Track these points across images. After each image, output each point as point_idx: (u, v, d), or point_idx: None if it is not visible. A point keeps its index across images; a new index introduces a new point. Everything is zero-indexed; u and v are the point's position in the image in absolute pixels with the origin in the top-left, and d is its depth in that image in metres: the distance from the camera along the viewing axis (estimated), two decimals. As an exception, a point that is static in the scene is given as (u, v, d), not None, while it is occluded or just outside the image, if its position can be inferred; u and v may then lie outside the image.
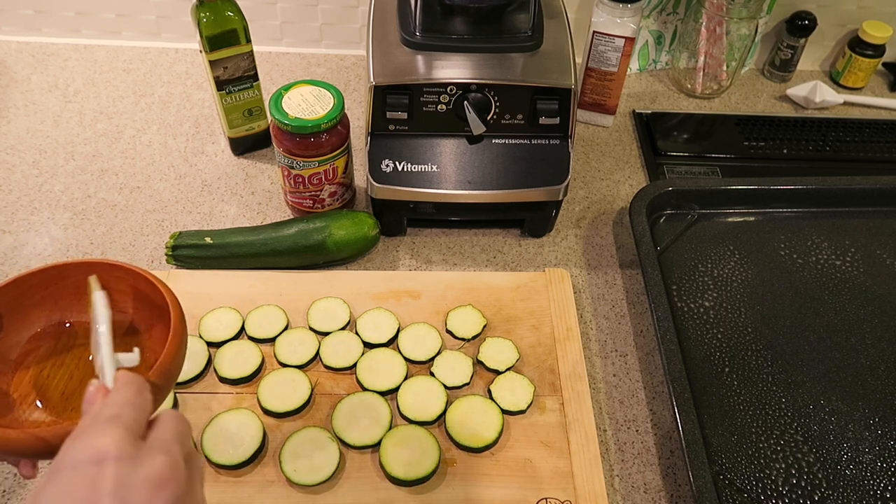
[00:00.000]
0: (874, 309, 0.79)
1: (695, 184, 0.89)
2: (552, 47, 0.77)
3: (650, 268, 0.76)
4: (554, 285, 0.78)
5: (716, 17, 0.99)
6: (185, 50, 1.09)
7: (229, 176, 0.91)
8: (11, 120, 0.96)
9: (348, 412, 0.66)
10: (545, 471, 0.64)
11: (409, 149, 0.77)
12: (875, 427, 0.69)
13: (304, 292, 0.76)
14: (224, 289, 0.76)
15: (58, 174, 0.90)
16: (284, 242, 0.78)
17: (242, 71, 0.84)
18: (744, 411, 0.70)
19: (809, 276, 0.82)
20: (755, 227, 0.87)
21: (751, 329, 0.77)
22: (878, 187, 0.88)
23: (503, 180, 0.77)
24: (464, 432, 0.65)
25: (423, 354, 0.71)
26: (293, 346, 0.71)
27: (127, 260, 0.80)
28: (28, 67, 1.04)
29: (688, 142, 0.99)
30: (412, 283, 0.78)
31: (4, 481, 0.63)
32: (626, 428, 0.70)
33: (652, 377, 0.74)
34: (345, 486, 0.62)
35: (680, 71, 1.08)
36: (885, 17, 1.07)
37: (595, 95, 0.98)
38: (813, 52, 1.12)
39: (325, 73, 1.07)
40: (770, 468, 0.66)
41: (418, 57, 0.76)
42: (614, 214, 0.90)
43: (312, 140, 0.75)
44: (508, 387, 0.69)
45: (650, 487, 0.66)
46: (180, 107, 1.00)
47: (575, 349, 0.73)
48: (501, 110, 0.76)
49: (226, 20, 0.79)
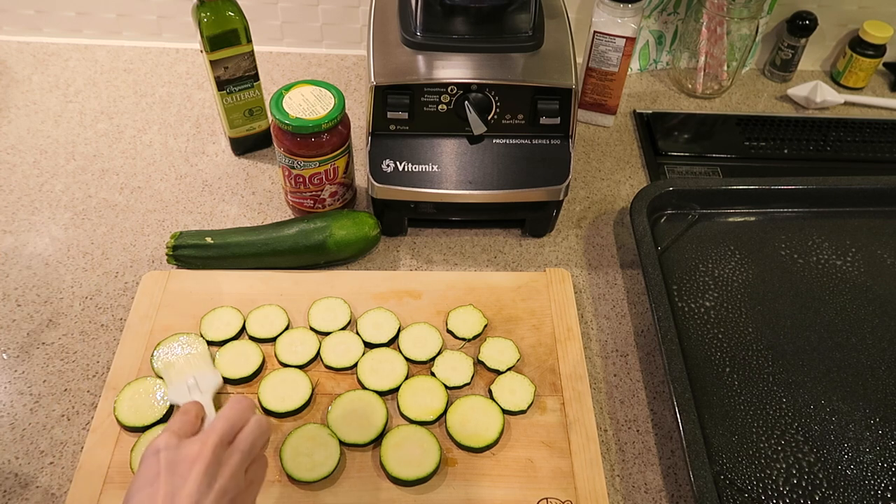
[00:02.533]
0: (875, 309, 0.79)
1: (695, 184, 0.89)
2: (553, 47, 0.77)
3: (651, 268, 0.76)
4: (555, 285, 0.78)
5: (716, 17, 0.99)
6: (185, 50, 1.09)
7: (230, 176, 0.91)
8: (12, 120, 0.96)
9: (343, 410, 0.66)
10: (546, 471, 0.64)
11: (409, 149, 0.77)
12: (876, 427, 0.69)
13: (305, 292, 0.76)
14: (225, 289, 0.76)
15: (58, 174, 0.90)
16: (285, 242, 0.78)
17: (243, 71, 0.84)
18: (744, 411, 0.70)
19: (810, 276, 0.82)
20: (756, 227, 0.87)
21: (751, 329, 0.77)
22: (879, 187, 0.88)
23: (504, 180, 0.77)
24: (464, 432, 0.65)
25: (424, 354, 0.71)
26: (294, 345, 0.71)
27: (128, 260, 0.80)
28: (29, 67, 1.04)
29: (688, 142, 0.99)
30: (413, 283, 0.78)
31: (5, 481, 0.63)
32: (626, 428, 0.70)
33: (653, 377, 0.74)
34: (345, 486, 0.62)
35: (681, 71, 1.08)
36: (885, 17, 1.07)
37: (596, 95, 0.98)
38: (814, 52, 1.12)
39: (326, 73, 1.07)
40: (771, 468, 0.66)
41: (419, 57, 0.76)
42: (615, 214, 0.90)
43: (313, 140, 0.75)
44: (509, 387, 0.69)
45: (651, 487, 0.66)
46: (181, 107, 1.00)
47: (576, 349, 0.73)
48: (502, 110, 0.76)
49: (226, 20, 0.79)
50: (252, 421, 0.51)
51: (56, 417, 0.68)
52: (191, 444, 0.47)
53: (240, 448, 0.49)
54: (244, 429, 0.50)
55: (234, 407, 0.51)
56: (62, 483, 0.63)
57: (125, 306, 0.76)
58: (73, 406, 0.68)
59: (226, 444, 0.48)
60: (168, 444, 0.47)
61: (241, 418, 0.51)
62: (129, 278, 0.79)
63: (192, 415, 0.52)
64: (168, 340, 0.70)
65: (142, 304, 0.74)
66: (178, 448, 0.46)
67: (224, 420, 0.50)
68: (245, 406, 0.52)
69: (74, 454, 0.65)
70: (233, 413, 0.50)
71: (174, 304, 0.75)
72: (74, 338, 0.74)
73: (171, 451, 0.46)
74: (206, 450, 0.46)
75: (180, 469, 0.45)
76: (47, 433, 0.66)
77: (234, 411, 0.51)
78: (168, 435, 0.48)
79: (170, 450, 0.46)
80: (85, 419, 0.67)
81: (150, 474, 0.45)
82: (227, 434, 0.49)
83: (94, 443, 0.64)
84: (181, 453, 0.46)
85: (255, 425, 0.51)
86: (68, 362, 0.72)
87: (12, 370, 0.71)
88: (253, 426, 0.50)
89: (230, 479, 0.46)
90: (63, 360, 0.72)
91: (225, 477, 0.46)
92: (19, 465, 0.64)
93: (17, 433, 0.66)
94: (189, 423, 0.50)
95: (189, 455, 0.46)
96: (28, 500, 0.62)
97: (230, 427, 0.49)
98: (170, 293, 0.76)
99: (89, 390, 0.69)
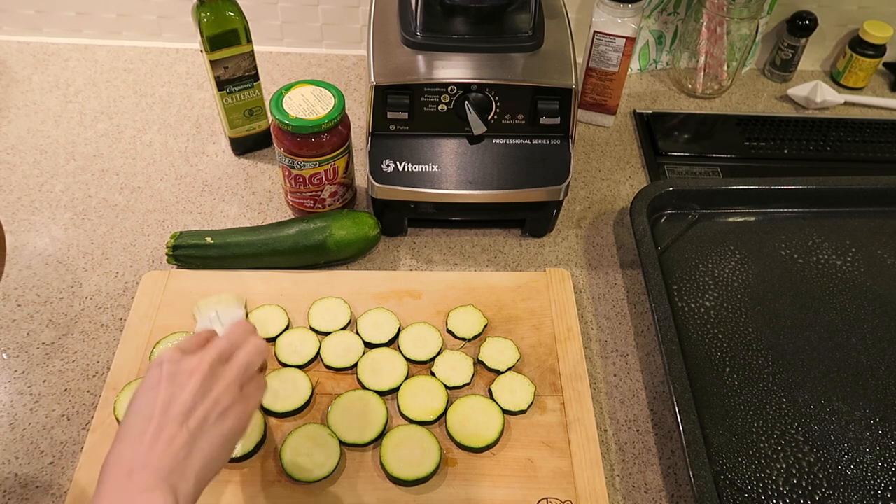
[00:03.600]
0: (875, 309, 0.79)
1: (695, 184, 0.89)
2: (553, 47, 0.77)
3: (651, 268, 0.76)
4: (555, 285, 0.78)
5: (716, 17, 0.99)
6: (185, 50, 1.09)
7: (230, 176, 0.91)
8: (12, 120, 0.96)
9: (343, 410, 0.66)
10: (546, 471, 0.64)
11: (409, 149, 0.77)
12: (876, 427, 0.69)
13: (305, 292, 0.76)
14: (225, 288, 0.76)
15: (58, 174, 0.90)
16: (285, 242, 0.78)
17: (243, 71, 0.84)
18: (744, 411, 0.70)
19: (810, 276, 0.82)
20: (756, 227, 0.87)
21: (751, 329, 0.77)
22: (879, 187, 0.88)
23: (504, 180, 0.77)
24: (464, 432, 0.65)
25: (424, 354, 0.71)
26: (294, 345, 0.71)
27: (128, 260, 0.80)
28: (29, 67, 1.04)
29: (688, 142, 0.99)
30: (413, 283, 0.78)
31: (5, 481, 0.63)
32: (626, 428, 0.70)
33: (653, 377, 0.74)
34: (345, 486, 0.62)
35: (681, 71, 1.08)
36: (885, 17, 1.07)
37: (596, 95, 0.98)
38: (814, 52, 1.12)
39: (326, 73, 1.07)
40: (771, 468, 0.66)
41: (419, 57, 0.76)
42: (615, 214, 0.90)
43: (313, 140, 0.75)
44: (509, 387, 0.69)
45: (651, 487, 0.66)
46: (181, 107, 1.00)
47: (576, 349, 0.73)
48: (502, 110, 0.76)
49: (226, 20, 0.79)
50: (250, 341, 0.55)
51: (56, 417, 0.68)
52: (191, 359, 0.51)
53: (236, 364, 0.53)
54: (241, 348, 0.54)
55: (235, 330, 0.55)
56: (62, 483, 0.63)
57: (125, 306, 0.76)
58: (73, 406, 0.68)
59: (223, 361, 0.52)
60: (171, 358, 0.51)
61: (240, 340, 0.55)
62: (129, 278, 0.79)
63: (200, 337, 0.55)
64: (168, 339, 0.71)
65: (142, 304, 0.74)
66: (179, 361, 0.51)
67: (224, 340, 0.54)
68: (245, 329, 0.56)
69: (74, 454, 0.65)
70: (233, 335, 0.55)
71: (174, 304, 0.75)
72: (74, 338, 0.74)
73: (173, 364, 0.51)
74: (204, 364, 0.51)
75: (179, 379, 0.50)
76: (47, 433, 0.66)
77: (234, 333, 0.55)
78: (173, 350, 0.52)
79: (172, 362, 0.51)
80: (85, 419, 0.67)
81: (153, 381, 0.50)
82: (226, 352, 0.53)
83: (94, 443, 0.64)
84: (182, 366, 0.51)
85: (252, 346, 0.54)
86: (68, 362, 0.72)
87: (12, 370, 0.71)
88: (250, 346, 0.54)
89: (224, 391, 0.51)
90: (63, 360, 0.72)
91: (219, 388, 0.50)
92: (19, 465, 0.64)
93: (17, 433, 0.66)
94: (195, 343, 0.54)
95: (188, 367, 0.51)
96: (28, 500, 0.62)
97: (229, 346, 0.53)
98: (170, 293, 0.76)
99: (89, 390, 0.70)
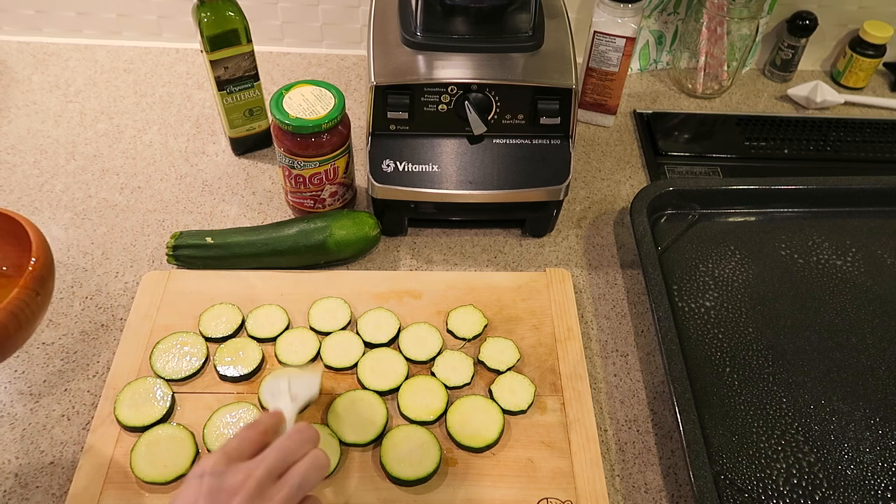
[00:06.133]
0: (875, 309, 0.79)
1: (696, 184, 0.89)
2: (553, 47, 0.77)
3: (651, 268, 0.76)
4: (555, 285, 0.78)
5: (717, 17, 0.99)
6: (185, 50, 1.09)
7: (230, 176, 0.91)
8: (12, 120, 0.96)
9: (344, 410, 0.66)
10: (546, 471, 0.64)
11: (409, 149, 0.77)
12: (876, 427, 0.69)
13: (305, 292, 0.76)
14: (225, 289, 0.76)
15: (58, 174, 0.90)
16: (285, 242, 0.78)
17: (243, 71, 0.84)
18: (745, 411, 0.70)
19: (810, 275, 0.82)
20: (756, 227, 0.87)
21: (752, 329, 0.77)
22: (879, 187, 0.88)
23: (504, 180, 0.77)
24: (464, 432, 0.65)
25: (424, 354, 0.71)
26: (294, 346, 0.71)
27: (128, 260, 0.80)
28: (29, 67, 1.04)
29: (689, 142, 0.99)
30: (413, 283, 0.78)
31: (5, 481, 0.63)
32: (626, 428, 0.70)
33: (653, 377, 0.74)
34: (345, 486, 0.62)
35: (681, 71, 1.08)
36: (885, 17, 1.07)
37: (596, 95, 0.98)
38: (814, 52, 1.12)
39: (326, 73, 1.07)
40: (771, 468, 0.66)
41: (419, 57, 0.76)
42: (615, 214, 0.90)
43: (313, 140, 0.75)
44: (509, 387, 0.69)
45: (651, 487, 0.66)
46: (181, 107, 1.00)
47: (576, 349, 0.73)
48: (502, 110, 0.76)
49: (227, 20, 0.79)
50: (309, 455, 0.47)
51: (56, 417, 0.67)
52: (237, 473, 0.44)
53: (289, 483, 0.45)
54: (298, 462, 0.47)
55: (293, 437, 0.48)
56: (62, 483, 0.63)
57: (125, 306, 0.76)
58: (73, 406, 0.68)
59: (274, 478, 0.45)
60: (214, 469, 0.44)
61: (298, 451, 0.47)
62: (129, 278, 0.79)
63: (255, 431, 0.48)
64: (167, 339, 0.71)
65: (142, 304, 0.74)
66: (223, 475, 0.44)
67: (277, 451, 0.47)
68: (306, 437, 0.48)
69: (74, 454, 0.65)
70: (289, 443, 0.47)
71: (174, 303, 0.75)
72: (74, 338, 0.74)
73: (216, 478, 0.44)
74: (251, 482, 0.44)
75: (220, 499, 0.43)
76: (47, 433, 0.66)
77: (291, 441, 0.47)
78: (218, 456, 0.45)
79: (214, 476, 0.44)
80: (85, 419, 0.67)
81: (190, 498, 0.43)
82: (278, 467, 0.46)
83: (94, 443, 0.64)
84: (225, 481, 0.44)
85: (311, 460, 0.47)
86: (68, 362, 0.72)
87: (12, 370, 0.71)
88: (308, 461, 0.47)
89: None
90: (63, 360, 0.72)
91: None
92: (19, 465, 0.64)
93: (17, 433, 0.66)
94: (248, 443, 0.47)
95: (232, 485, 0.44)
96: (28, 500, 0.62)
97: (283, 459, 0.46)
98: (170, 293, 0.76)
99: (89, 390, 0.70)
